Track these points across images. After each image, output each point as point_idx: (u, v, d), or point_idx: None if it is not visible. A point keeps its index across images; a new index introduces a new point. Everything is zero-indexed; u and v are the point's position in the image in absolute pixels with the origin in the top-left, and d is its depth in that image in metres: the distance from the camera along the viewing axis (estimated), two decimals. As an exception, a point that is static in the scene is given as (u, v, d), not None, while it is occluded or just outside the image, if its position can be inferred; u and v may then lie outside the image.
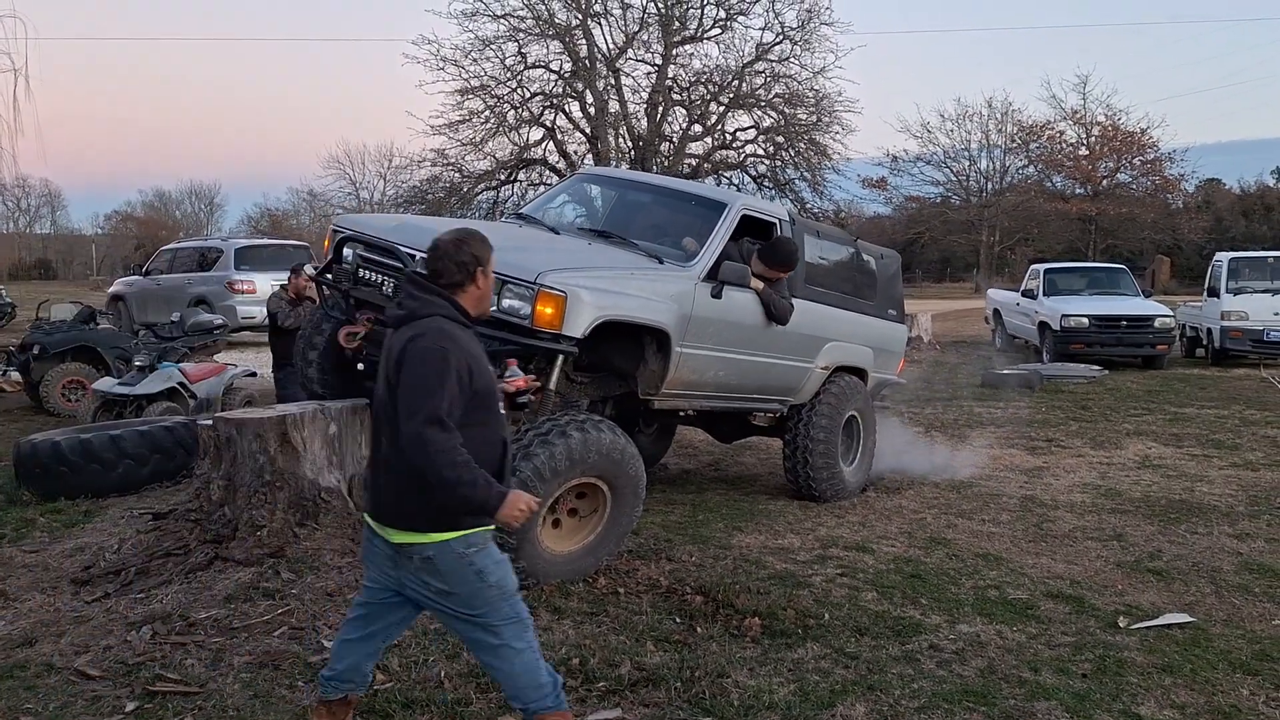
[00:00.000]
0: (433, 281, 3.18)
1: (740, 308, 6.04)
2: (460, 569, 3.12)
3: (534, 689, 3.24)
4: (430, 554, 3.11)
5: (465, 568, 3.12)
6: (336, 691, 3.41)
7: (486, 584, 3.16)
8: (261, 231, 51.74)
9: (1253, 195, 48.54)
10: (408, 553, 3.14)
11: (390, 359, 3.11)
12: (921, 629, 4.70)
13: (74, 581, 4.97)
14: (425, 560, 3.13)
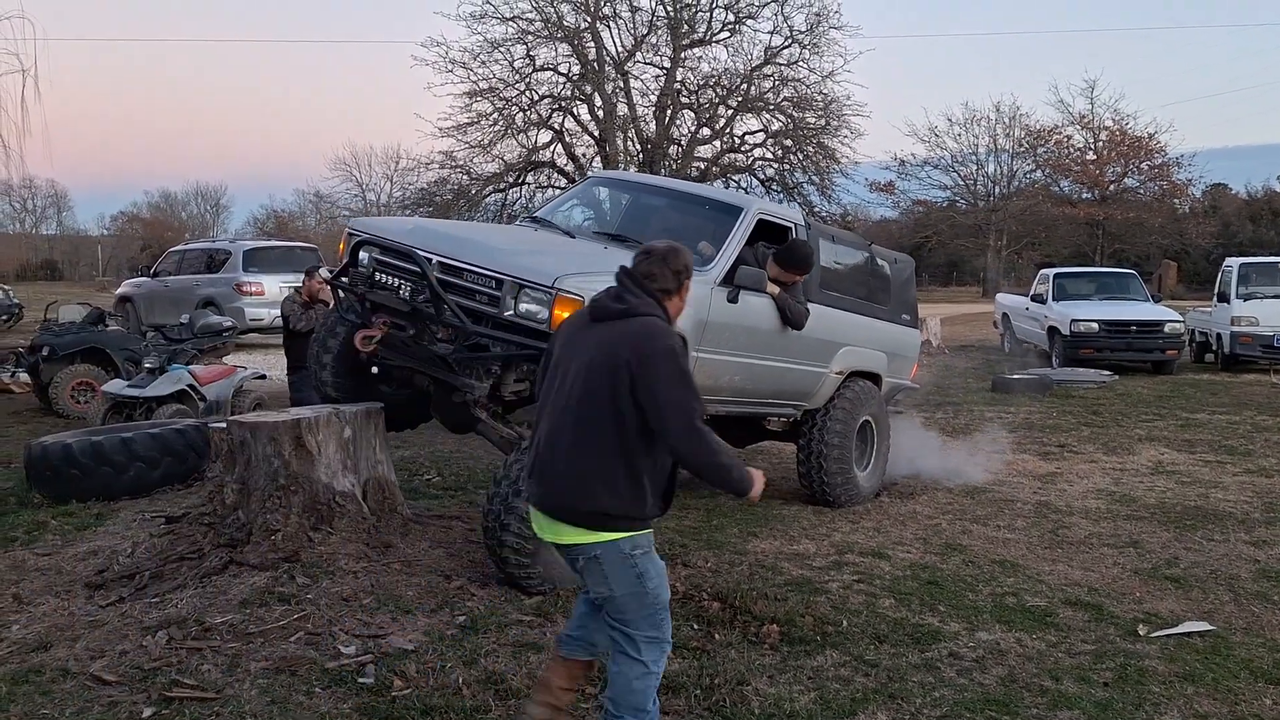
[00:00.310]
0: (649, 283, 3.25)
1: (756, 312, 6.02)
2: (624, 570, 3.17)
3: (639, 711, 3.27)
4: (597, 553, 3.16)
5: (629, 570, 3.17)
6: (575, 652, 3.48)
7: (644, 589, 3.21)
8: (268, 233, 51.80)
9: (1260, 200, 48.39)
10: (573, 554, 3.21)
11: (613, 352, 3.12)
12: (941, 636, 4.67)
13: (88, 585, 4.95)
14: (591, 560, 3.17)
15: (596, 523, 3.15)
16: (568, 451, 3.18)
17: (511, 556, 4.79)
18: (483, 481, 7.72)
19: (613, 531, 3.15)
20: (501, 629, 4.51)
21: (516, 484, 4.74)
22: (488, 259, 5.08)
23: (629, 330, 3.16)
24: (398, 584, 4.90)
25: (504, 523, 4.75)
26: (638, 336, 3.13)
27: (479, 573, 5.13)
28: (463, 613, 4.66)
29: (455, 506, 6.73)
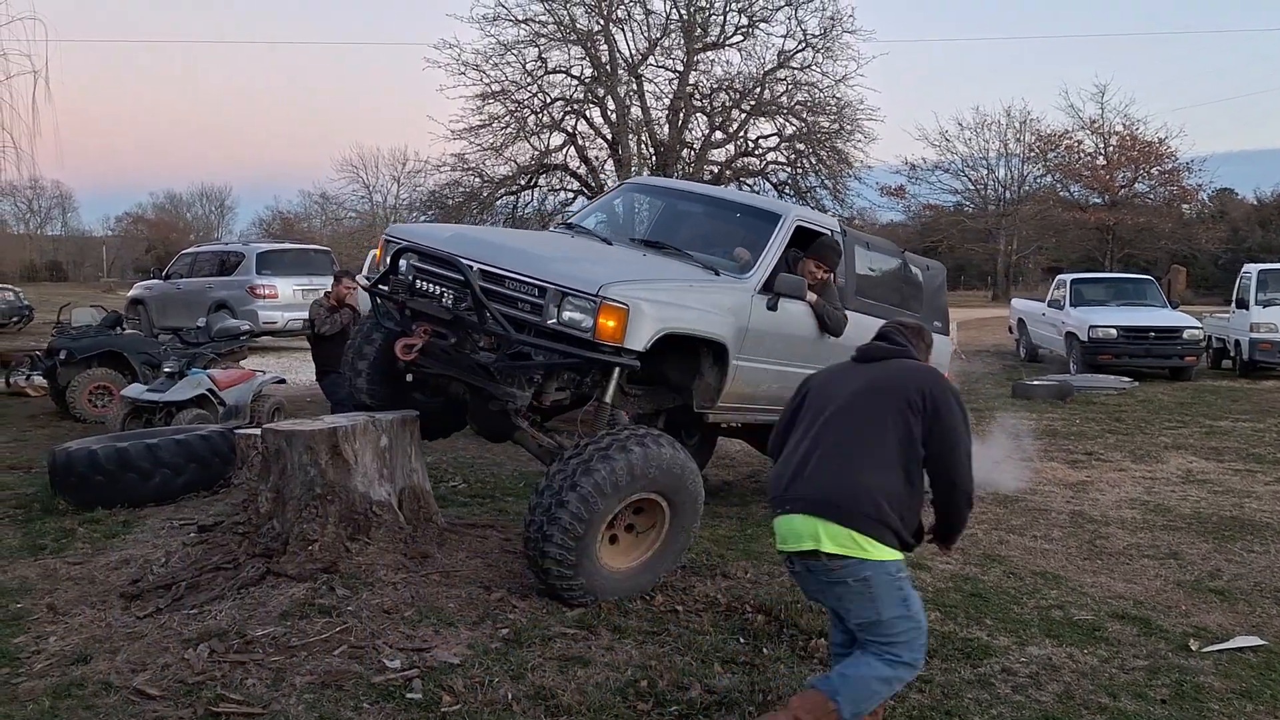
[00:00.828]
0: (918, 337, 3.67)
1: (794, 320, 5.95)
2: (892, 593, 3.23)
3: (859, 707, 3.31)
4: (868, 574, 3.19)
5: (895, 592, 3.24)
6: None
7: (909, 612, 3.29)
8: (273, 235, 51.83)
9: (1269, 205, 48.27)
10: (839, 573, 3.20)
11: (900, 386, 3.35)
12: (991, 651, 4.59)
13: (123, 596, 4.88)
14: (861, 582, 3.20)
15: (877, 534, 3.20)
16: (853, 463, 3.27)
17: (554, 568, 4.72)
18: (510, 488, 7.67)
19: (887, 549, 3.21)
20: (545, 642, 4.44)
21: (560, 495, 4.67)
22: (530, 266, 5.02)
23: (912, 368, 3.46)
24: (438, 595, 4.83)
25: (546, 534, 4.68)
26: (928, 378, 3.38)
27: (518, 584, 5.06)
28: (505, 625, 4.59)
29: (486, 515, 6.67)
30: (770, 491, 3.50)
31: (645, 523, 5.13)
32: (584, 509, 4.65)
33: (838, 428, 3.35)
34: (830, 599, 3.36)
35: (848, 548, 3.19)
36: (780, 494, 3.42)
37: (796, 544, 3.31)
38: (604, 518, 4.77)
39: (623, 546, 5.07)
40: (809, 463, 3.34)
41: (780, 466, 3.48)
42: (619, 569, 4.99)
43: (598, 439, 4.83)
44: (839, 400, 3.42)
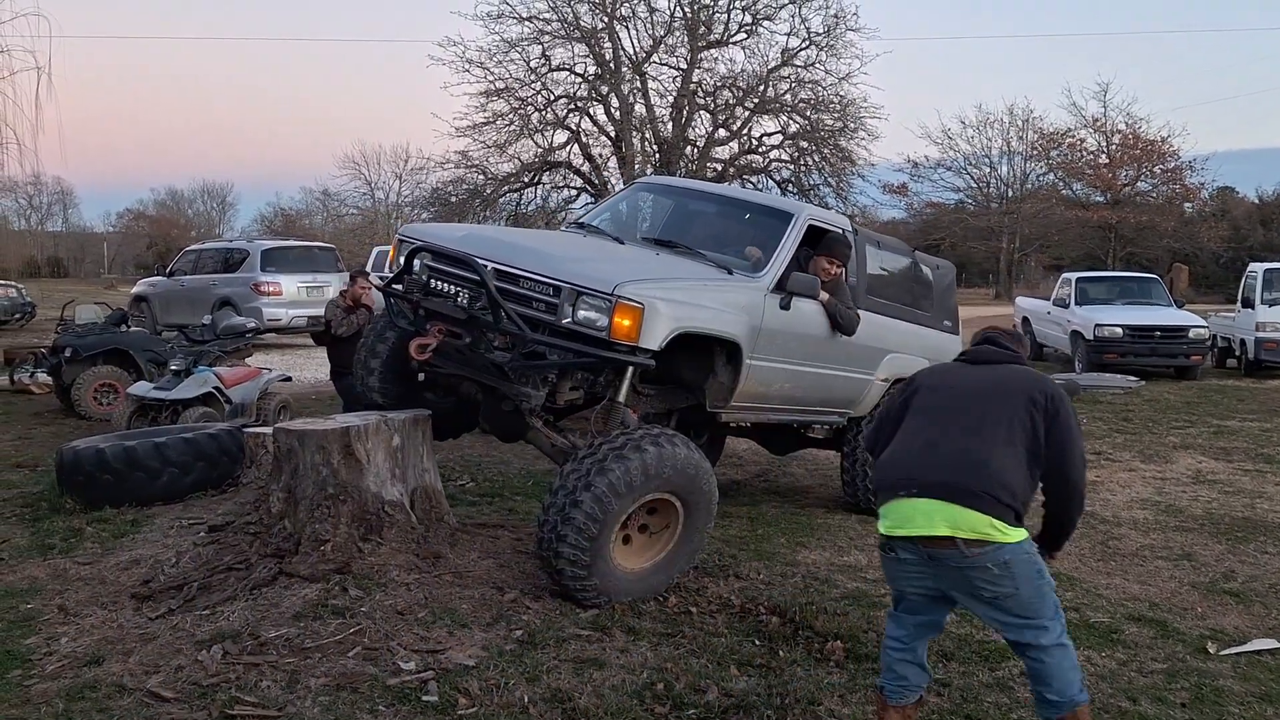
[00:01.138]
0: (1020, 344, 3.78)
1: (807, 319, 5.92)
2: (1028, 568, 3.30)
3: (1077, 680, 3.40)
4: (1008, 558, 3.24)
5: (1031, 566, 3.32)
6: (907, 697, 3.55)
7: (1044, 579, 3.36)
8: (275, 231, 51.78)
9: (1271, 204, 48.21)
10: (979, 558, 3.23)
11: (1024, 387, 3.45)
12: (1007, 654, 4.51)
13: (134, 596, 4.84)
14: (1002, 565, 3.24)
15: (1010, 519, 3.26)
16: (985, 452, 3.32)
17: (568, 569, 4.69)
18: (518, 487, 7.64)
19: (1020, 529, 3.29)
20: (560, 644, 4.41)
21: (574, 494, 4.64)
22: (545, 266, 4.99)
23: (1031, 372, 3.58)
24: (451, 596, 4.81)
25: (560, 534, 4.65)
26: (1045, 384, 3.49)
27: (531, 584, 5.03)
28: (519, 626, 4.56)
29: (495, 515, 6.64)
30: (885, 476, 3.49)
31: (659, 523, 5.10)
32: (598, 509, 4.63)
33: (965, 419, 3.42)
34: (958, 585, 3.35)
35: (987, 534, 3.23)
36: (903, 477, 3.39)
37: (926, 528, 3.28)
38: (618, 518, 4.74)
39: (636, 547, 5.05)
40: (937, 449, 3.38)
41: (897, 453, 3.49)
42: (632, 570, 4.97)
43: (612, 438, 4.81)
44: (962, 395, 3.51)
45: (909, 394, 3.66)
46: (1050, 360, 18.20)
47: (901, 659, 3.54)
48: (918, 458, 3.40)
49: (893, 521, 3.38)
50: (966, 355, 3.77)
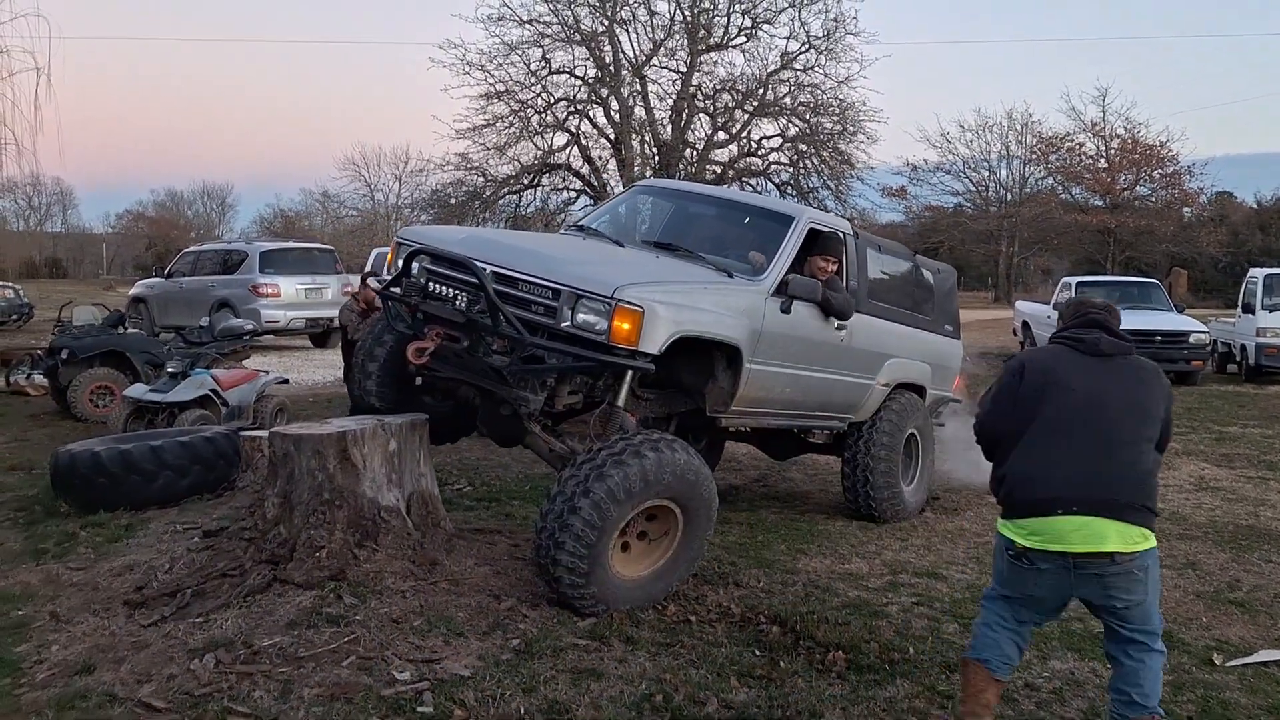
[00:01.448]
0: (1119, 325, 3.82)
1: (808, 323, 5.87)
2: (1156, 574, 3.48)
3: (1160, 689, 3.56)
4: (1149, 563, 3.41)
5: (1158, 572, 3.50)
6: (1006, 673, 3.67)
7: (1159, 588, 3.55)
8: (275, 233, 51.71)
9: (1269, 209, 48.17)
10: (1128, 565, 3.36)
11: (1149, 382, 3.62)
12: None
13: (127, 603, 4.78)
14: (1142, 570, 3.39)
15: (1150, 525, 3.42)
16: (1136, 463, 3.46)
17: (566, 576, 4.63)
18: (516, 492, 7.58)
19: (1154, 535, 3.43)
20: (557, 653, 4.35)
21: (572, 500, 4.58)
22: (544, 269, 4.93)
23: (1148, 366, 3.71)
24: (447, 604, 4.74)
25: (559, 541, 4.59)
26: (1158, 374, 3.68)
27: (528, 592, 4.97)
28: (515, 635, 4.50)
29: (493, 520, 6.58)
30: (1031, 493, 3.49)
31: (657, 530, 5.04)
32: (597, 515, 4.57)
33: (1115, 430, 3.49)
34: (1094, 592, 3.46)
35: (1138, 544, 3.38)
36: (1059, 496, 3.42)
37: (1094, 545, 3.36)
38: (617, 524, 4.68)
39: (635, 554, 4.99)
40: (1096, 464, 3.43)
41: (1044, 467, 3.49)
42: (631, 577, 4.91)
43: (611, 444, 4.75)
44: (1101, 398, 3.53)
45: (1033, 390, 3.60)
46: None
47: (1010, 639, 3.63)
48: (1074, 474, 3.42)
49: (1042, 537, 3.41)
50: (1083, 343, 3.68)
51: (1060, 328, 3.83)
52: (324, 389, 13.83)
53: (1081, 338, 3.71)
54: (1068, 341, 3.73)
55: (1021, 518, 3.48)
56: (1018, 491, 3.52)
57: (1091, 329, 3.70)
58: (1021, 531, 3.46)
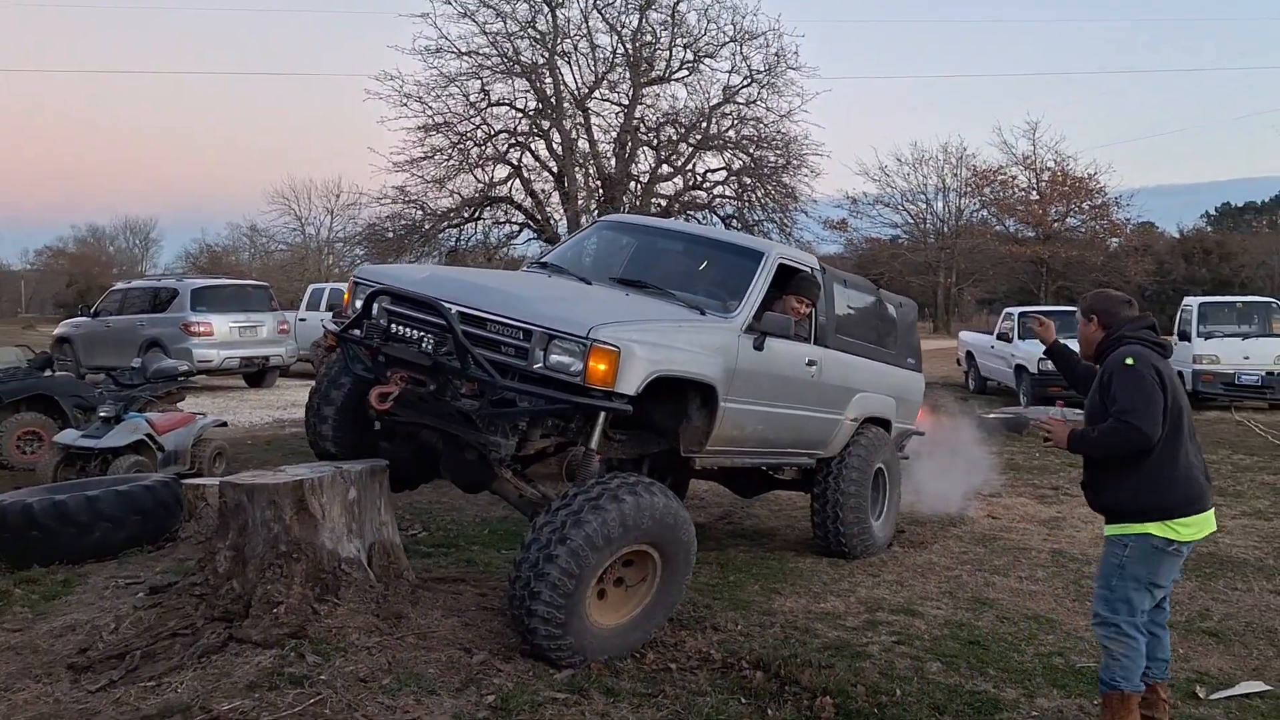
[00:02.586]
0: None
1: (781, 359, 5.78)
2: None
3: None
4: None
5: None
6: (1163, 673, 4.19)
7: None
8: (201, 268, 50.60)
9: (1192, 239, 49.73)
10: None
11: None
12: (1000, 705, 4.41)
13: (71, 667, 4.46)
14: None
15: None
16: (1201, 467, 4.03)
17: (541, 627, 4.43)
18: (474, 536, 7.35)
19: None
20: (535, 708, 4.15)
21: (548, 549, 4.40)
22: (513, 308, 4.76)
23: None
24: (416, 660, 4.51)
25: (534, 591, 4.39)
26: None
27: (500, 644, 4.75)
28: (490, 691, 4.29)
29: (454, 568, 6.34)
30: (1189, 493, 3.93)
31: (635, 576, 4.87)
32: (574, 564, 4.39)
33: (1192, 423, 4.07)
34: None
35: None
36: (1203, 493, 3.99)
37: (1210, 529, 4.07)
38: (595, 572, 4.51)
39: (611, 601, 4.81)
40: (1201, 457, 4.05)
41: (1192, 470, 3.96)
42: (608, 626, 4.73)
43: (587, 488, 4.57)
44: (1186, 400, 4.02)
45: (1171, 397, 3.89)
46: (994, 394, 18.34)
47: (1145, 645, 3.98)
48: (1203, 472, 4.02)
49: (1195, 529, 3.94)
50: (1163, 348, 4.06)
51: (1132, 330, 4.04)
52: (262, 431, 13.42)
53: (1160, 341, 4.05)
54: (1153, 346, 4.00)
55: (1183, 516, 3.88)
56: (1177, 493, 3.90)
57: (1155, 333, 4.07)
58: (1181, 527, 3.89)
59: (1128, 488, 3.90)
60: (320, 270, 49.66)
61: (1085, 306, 4.23)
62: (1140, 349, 3.94)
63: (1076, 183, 42.72)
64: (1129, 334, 4.02)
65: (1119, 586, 3.92)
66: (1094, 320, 4.16)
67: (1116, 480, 3.94)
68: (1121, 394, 3.83)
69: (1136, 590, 3.91)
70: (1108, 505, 4.03)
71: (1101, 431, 3.90)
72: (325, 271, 48.75)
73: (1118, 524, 3.97)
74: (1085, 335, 4.23)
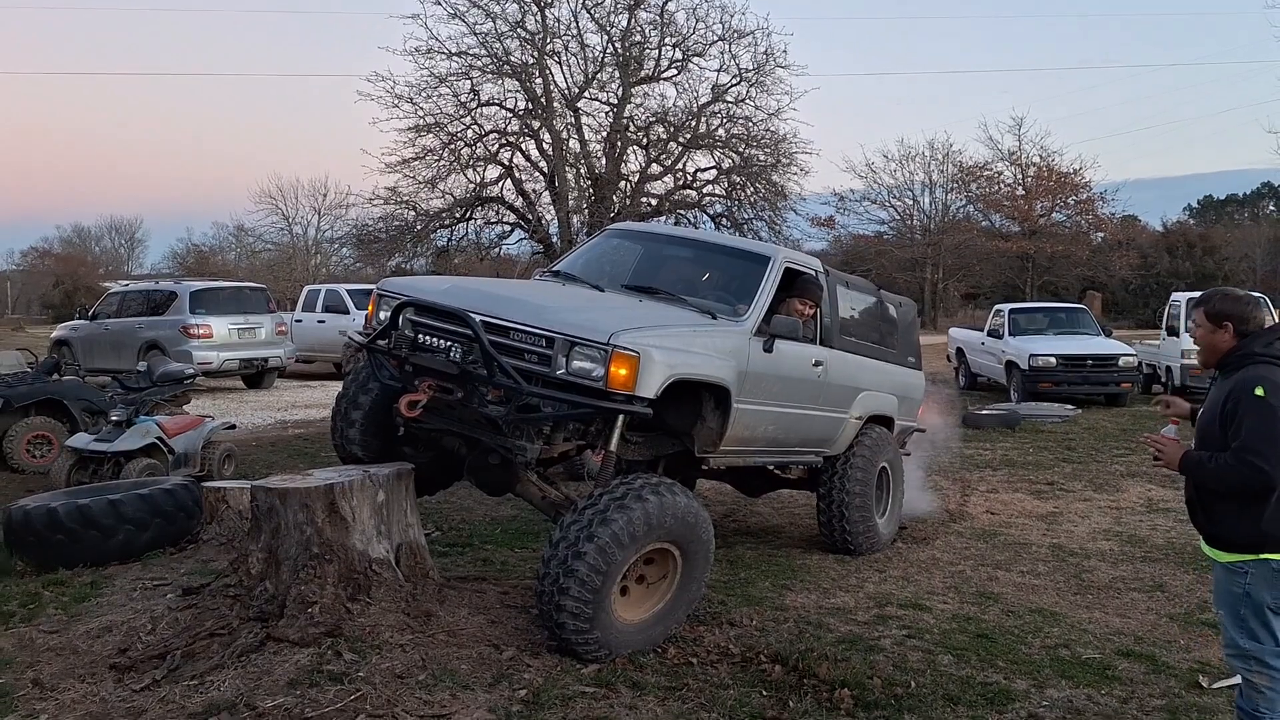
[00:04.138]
0: None
1: (789, 361, 5.96)
2: None
3: None
4: None
5: None
6: None
7: None
8: (188, 268, 50.47)
9: (1175, 232, 50.19)
10: None
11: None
12: (1012, 696, 4.60)
13: (113, 667, 4.60)
14: None
15: None
16: None
17: (570, 622, 4.60)
18: (488, 535, 7.51)
19: None
20: (566, 702, 4.32)
21: (576, 546, 4.57)
22: (535, 317, 4.92)
23: None
24: (449, 657, 4.67)
25: (563, 587, 4.56)
26: None
27: (527, 641, 4.92)
28: (522, 685, 4.46)
29: (471, 567, 6.50)
30: None
31: (656, 573, 5.05)
32: (602, 560, 4.56)
33: None
34: None
35: None
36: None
37: None
38: (621, 569, 4.68)
39: (634, 598, 4.98)
40: None
41: None
42: (632, 621, 4.90)
43: (612, 489, 4.75)
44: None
45: None
46: (985, 390, 18.59)
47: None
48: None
49: None
50: None
51: (1261, 345, 3.71)
52: (266, 433, 13.53)
53: None
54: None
55: None
56: None
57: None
58: None
59: (1249, 520, 3.60)
60: (309, 270, 49.58)
61: (1214, 310, 3.80)
62: (1274, 374, 3.62)
63: (1062, 178, 43.12)
64: (1260, 351, 3.69)
65: (1250, 614, 3.66)
66: (1227, 327, 3.75)
67: (1234, 512, 3.64)
68: (1249, 429, 3.53)
69: (1275, 616, 3.63)
70: (1218, 534, 3.73)
71: (1220, 465, 3.61)
72: (313, 272, 48.69)
73: (1234, 553, 3.68)
74: (1212, 343, 3.81)
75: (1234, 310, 3.76)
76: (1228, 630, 3.77)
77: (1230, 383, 3.68)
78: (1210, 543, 3.79)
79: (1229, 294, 3.87)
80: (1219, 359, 3.78)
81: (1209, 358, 3.85)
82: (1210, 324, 3.80)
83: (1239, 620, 3.69)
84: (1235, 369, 3.70)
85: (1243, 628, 3.68)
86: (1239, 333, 3.73)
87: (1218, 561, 3.78)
